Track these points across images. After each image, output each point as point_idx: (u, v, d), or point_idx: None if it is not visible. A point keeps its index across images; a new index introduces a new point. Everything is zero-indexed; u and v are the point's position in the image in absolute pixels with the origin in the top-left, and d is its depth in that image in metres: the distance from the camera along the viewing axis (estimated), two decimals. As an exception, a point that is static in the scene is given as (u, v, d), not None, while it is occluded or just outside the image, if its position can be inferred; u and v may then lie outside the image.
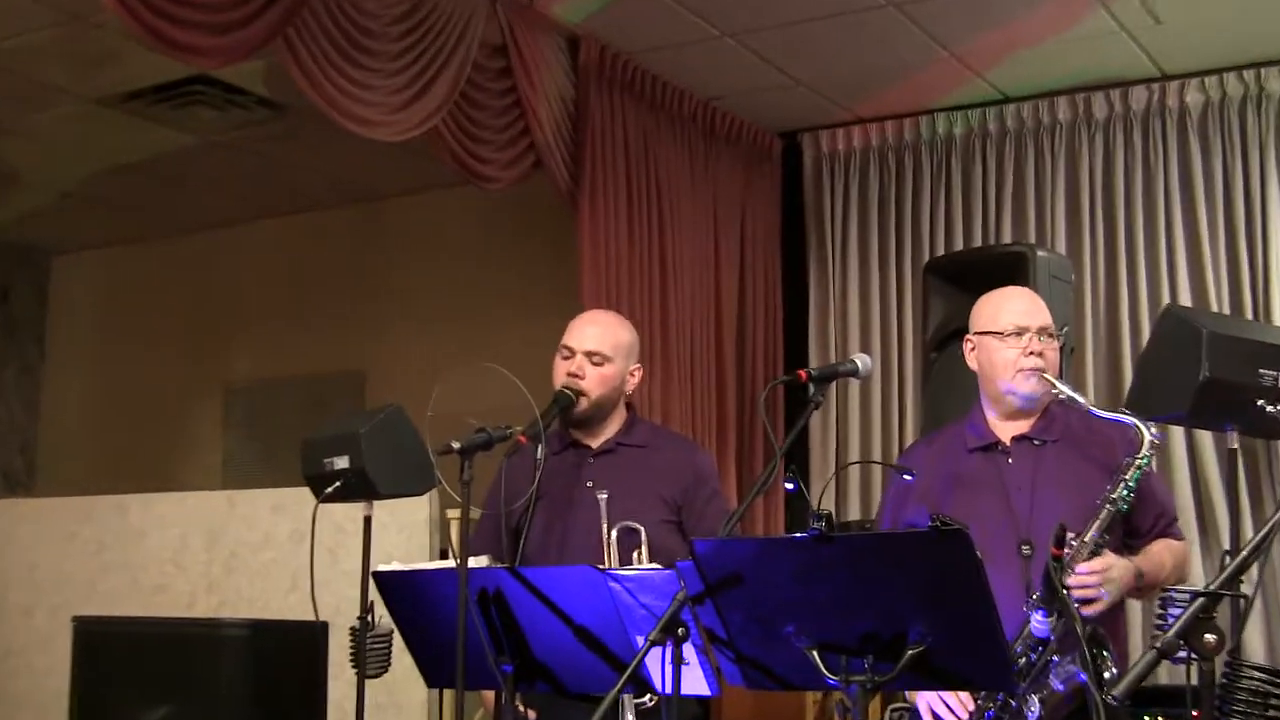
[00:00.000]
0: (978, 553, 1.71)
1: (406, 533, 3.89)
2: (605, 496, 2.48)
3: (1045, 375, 2.30)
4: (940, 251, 4.86)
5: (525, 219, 5.76)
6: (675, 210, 4.68)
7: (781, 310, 5.20)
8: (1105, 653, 2.08)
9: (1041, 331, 2.33)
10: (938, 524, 1.71)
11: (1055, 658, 2.12)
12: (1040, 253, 3.70)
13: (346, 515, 3.67)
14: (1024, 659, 2.14)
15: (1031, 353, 2.32)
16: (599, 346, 2.58)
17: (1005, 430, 2.37)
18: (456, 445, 2.23)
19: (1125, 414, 2.26)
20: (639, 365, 2.68)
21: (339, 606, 3.43)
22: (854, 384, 4.94)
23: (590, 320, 2.65)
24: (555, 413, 2.53)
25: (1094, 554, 2.18)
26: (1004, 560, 2.21)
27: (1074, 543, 2.16)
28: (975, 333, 2.41)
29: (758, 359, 5.05)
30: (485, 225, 5.90)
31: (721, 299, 4.90)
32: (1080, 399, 2.25)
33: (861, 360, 2.31)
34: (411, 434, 2.85)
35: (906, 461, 2.43)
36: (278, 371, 6.23)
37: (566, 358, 2.60)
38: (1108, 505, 2.20)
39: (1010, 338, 2.34)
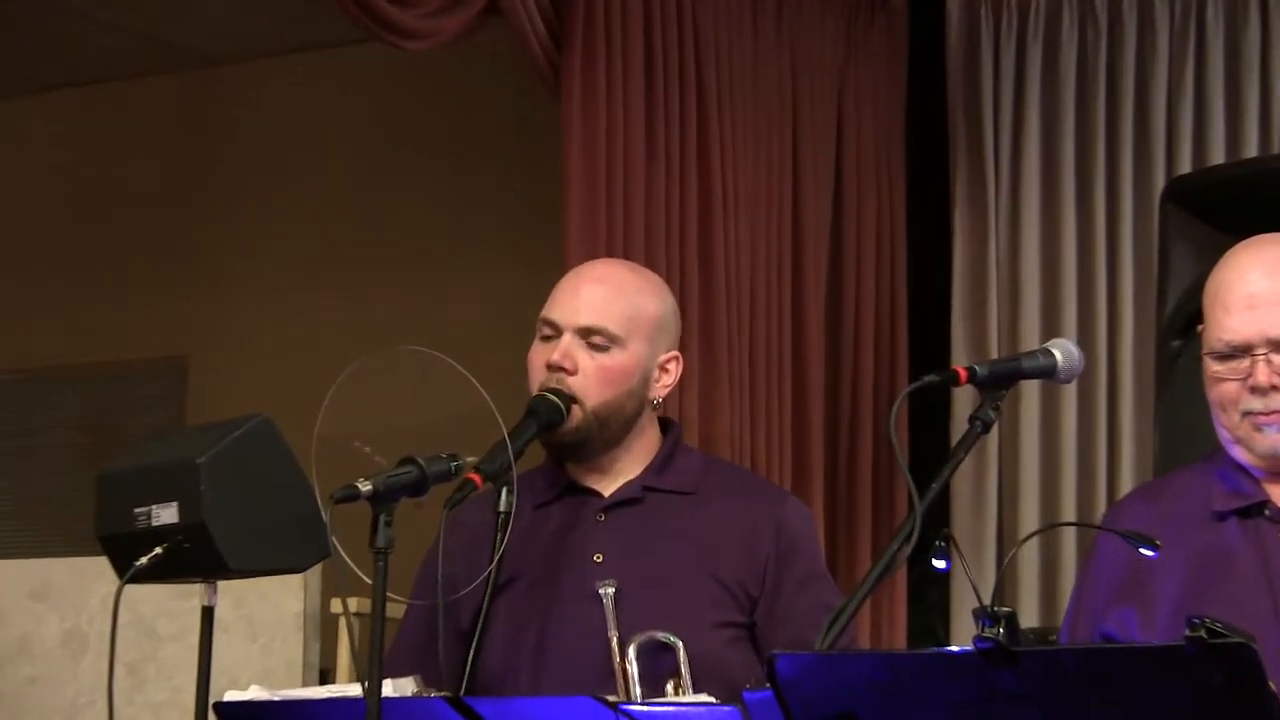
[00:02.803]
0: (1269, 681, 1.72)
1: (269, 637, 3.92)
2: (612, 590, 2.53)
3: None
4: (1187, 166, 4.90)
5: (467, 105, 5.80)
6: (726, 95, 4.70)
7: (906, 266, 5.22)
8: None
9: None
10: (1201, 632, 1.71)
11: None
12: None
13: (167, 608, 3.67)
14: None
15: (1259, 387, 2.33)
16: (601, 319, 2.62)
17: (1277, 488, 2.41)
18: (365, 488, 2.26)
19: None
20: (676, 354, 2.71)
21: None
22: (1034, 392, 4.96)
23: (589, 277, 2.69)
24: (531, 434, 2.55)
25: None
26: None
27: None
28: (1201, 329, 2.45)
29: (864, 346, 5.08)
30: (398, 115, 5.94)
31: (802, 246, 4.93)
32: None
33: (1063, 350, 2.33)
34: (287, 467, 2.84)
35: (1116, 523, 2.44)
36: (39, 357, 6.33)
37: (548, 338, 2.64)
38: None
39: (1223, 361, 2.37)
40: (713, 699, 2.13)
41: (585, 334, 2.61)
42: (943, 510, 4.93)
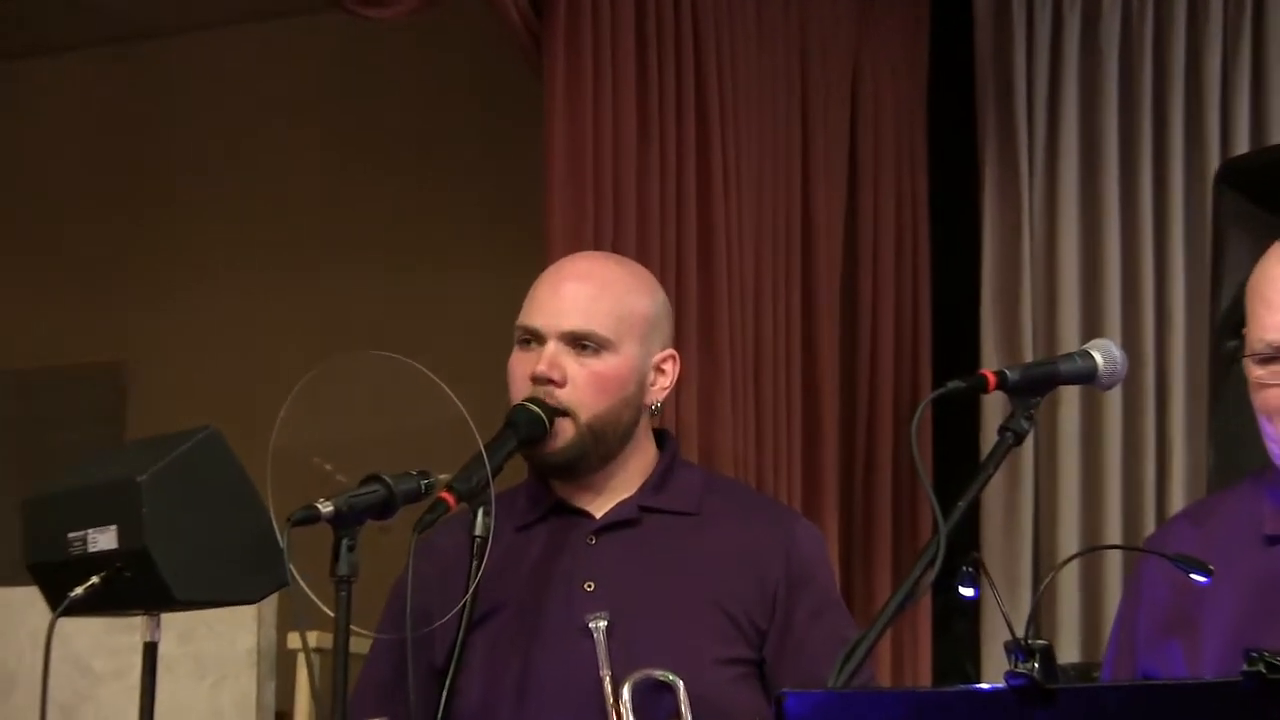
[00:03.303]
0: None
1: (219, 675, 3.92)
2: (604, 623, 2.54)
3: None
4: (1244, 146, 4.92)
5: (438, 84, 5.80)
6: (728, 68, 4.71)
7: (929, 259, 5.24)
8: None
9: None
10: (1260, 666, 1.72)
11: None
12: None
13: (105, 643, 3.68)
14: None
15: None
16: (588, 322, 2.63)
17: None
18: (326, 509, 2.27)
19: None
20: (672, 352, 2.73)
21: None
22: (1074, 399, 4.98)
23: (570, 274, 2.70)
24: (510, 448, 2.56)
25: None
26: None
27: None
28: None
29: (883, 349, 5.10)
30: (361, 95, 5.94)
31: (814, 237, 4.94)
32: None
33: (1103, 352, 2.33)
34: (238, 486, 2.85)
35: (1162, 547, 2.44)
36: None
37: (528, 346, 2.65)
38: None
39: (1266, 365, 2.37)
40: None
41: (572, 339, 2.62)
42: (971, 531, 4.93)
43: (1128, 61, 5.12)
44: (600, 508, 2.68)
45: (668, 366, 2.71)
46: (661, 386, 2.70)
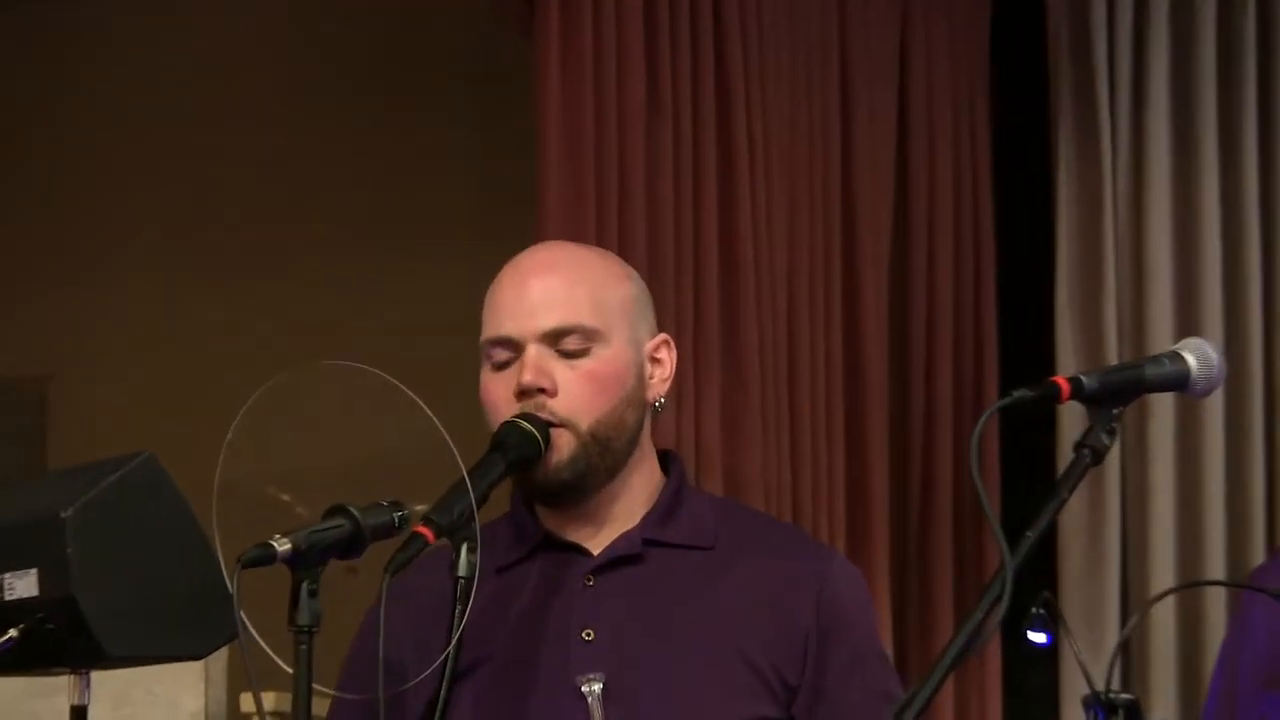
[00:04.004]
0: None
1: (158, 747, 3.93)
2: (599, 686, 2.55)
3: None
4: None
5: (412, 43, 5.80)
6: (753, 25, 4.72)
7: (994, 249, 5.23)
8: None
9: None
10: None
11: None
12: None
13: (24, 708, 3.69)
14: None
15: None
16: (569, 315, 2.66)
17: None
18: (283, 547, 2.28)
19: None
20: (664, 336, 2.75)
21: None
22: (1168, 410, 4.97)
23: (533, 267, 2.72)
24: (498, 473, 2.57)
25: None
26: None
27: None
28: None
29: (940, 354, 5.11)
30: (320, 55, 5.94)
31: (857, 224, 4.94)
32: None
33: (1197, 353, 2.33)
34: (180, 521, 2.86)
35: (1268, 581, 2.46)
36: None
37: (502, 365, 2.68)
38: None
39: None
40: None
41: (554, 339, 2.64)
42: (1044, 567, 4.92)
43: (1227, 19, 5.13)
44: (598, 542, 2.68)
45: (663, 354, 2.73)
46: (661, 378, 2.72)
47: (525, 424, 2.60)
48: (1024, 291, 5.26)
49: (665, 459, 2.78)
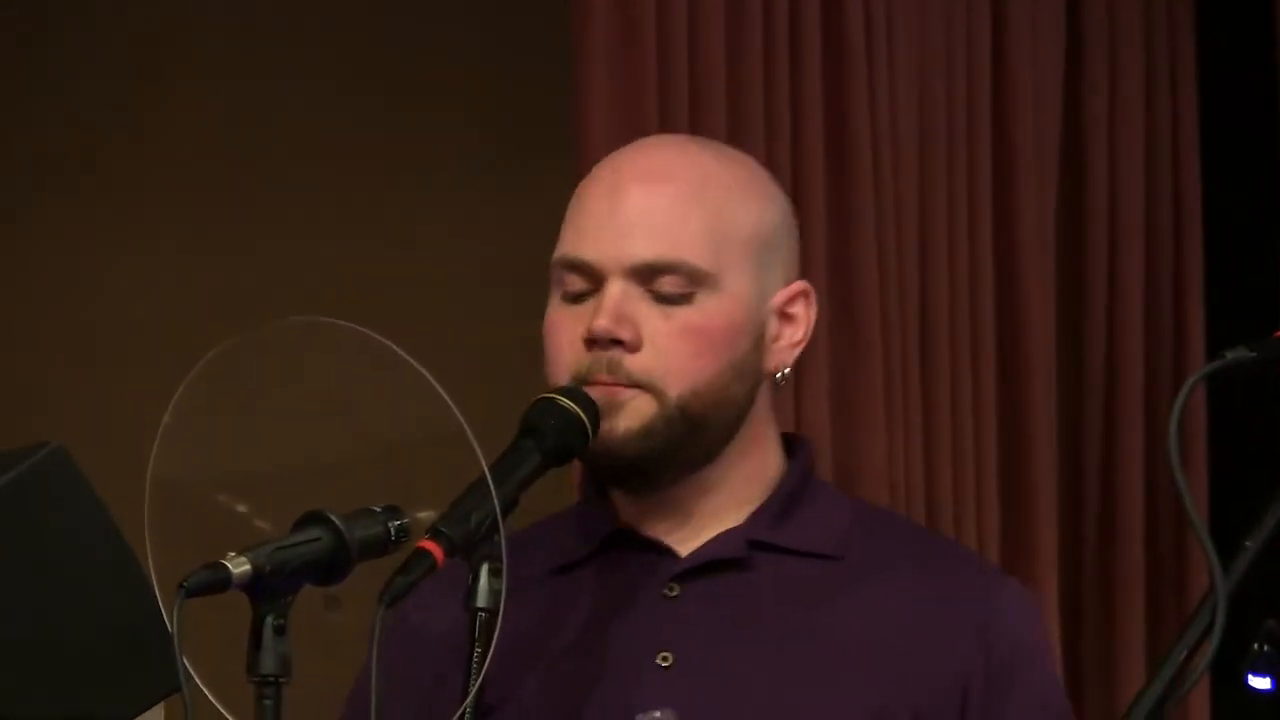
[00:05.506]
0: None
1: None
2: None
3: None
4: None
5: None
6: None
7: (1199, 174, 5.29)
8: None
9: None
10: None
11: None
12: None
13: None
14: None
15: None
16: (673, 249, 2.69)
17: None
18: (240, 568, 2.29)
19: None
20: (803, 286, 2.78)
21: None
22: None
23: (637, 173, 2.77)
24: (531, 468, 2.59)
25: None
26: None
27: None
28: None
29: (1127, 312, 5.17)
30: None
31: (1012, 145, 5.01)
32: None
33: None
34: (98, 535, 2.86)
35: None
36: None
37: (578, 296, 2.71)
38: None
39: None
40: None
41: (647, 275, 2.67)
42: (1272, 588, 4.93)
43: None
44: (689, 541, 2.73)
45: (798, 309, 2.75)
46: (791, 342, 2.76)
47: (565, 400, 2.62)
48: (1237, 234, 5.33)
49: (790, 444, 2.81)
